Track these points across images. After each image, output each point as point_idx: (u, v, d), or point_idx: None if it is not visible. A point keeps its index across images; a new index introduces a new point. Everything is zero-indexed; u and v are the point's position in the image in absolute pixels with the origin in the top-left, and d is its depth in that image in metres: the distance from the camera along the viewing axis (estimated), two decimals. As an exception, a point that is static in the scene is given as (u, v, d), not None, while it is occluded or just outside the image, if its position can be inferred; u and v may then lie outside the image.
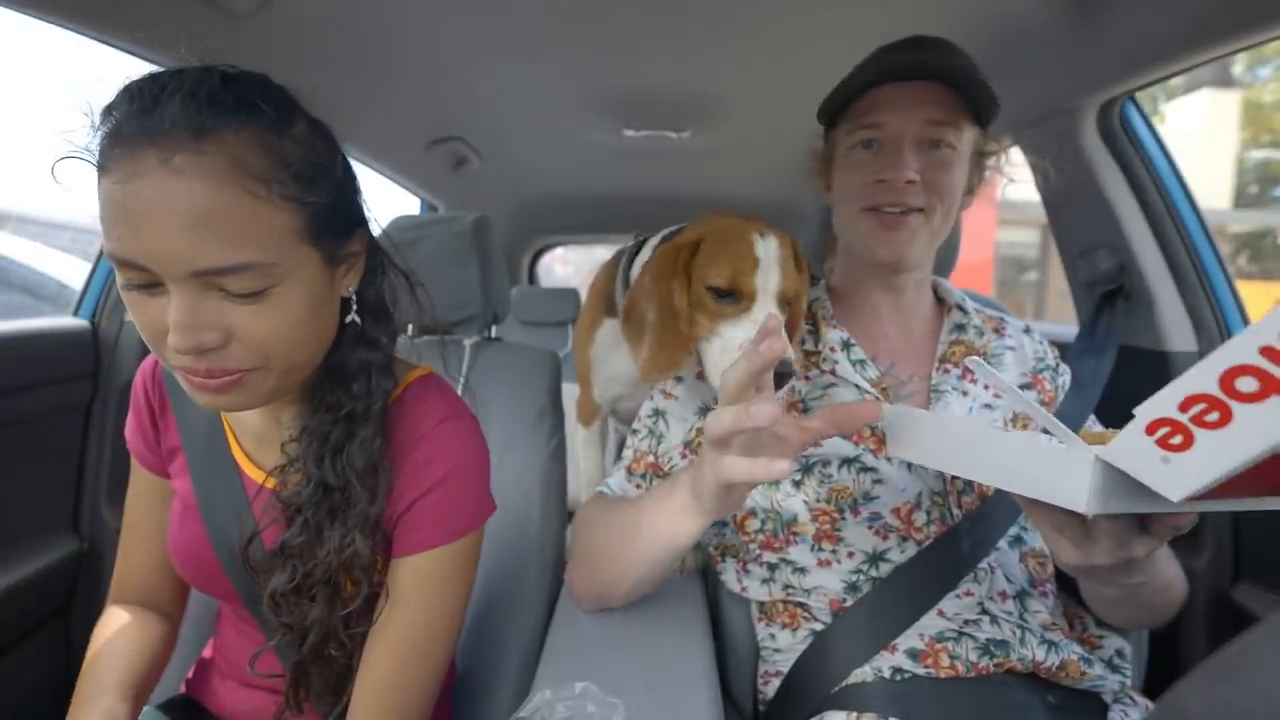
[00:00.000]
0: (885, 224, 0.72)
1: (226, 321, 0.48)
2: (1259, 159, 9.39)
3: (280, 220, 0.48)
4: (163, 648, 0.69)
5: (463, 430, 0.63)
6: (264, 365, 0.51)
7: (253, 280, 0.48)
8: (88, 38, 0.82)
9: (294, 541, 0.57)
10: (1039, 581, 0.72)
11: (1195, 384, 0.34)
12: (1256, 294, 7.37)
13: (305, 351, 0.54)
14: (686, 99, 1.45)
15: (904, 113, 0.70)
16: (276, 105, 0.49)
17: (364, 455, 0.57)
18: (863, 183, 0.72)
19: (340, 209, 0.54)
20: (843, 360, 0.75)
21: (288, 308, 0.50)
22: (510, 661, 0.84)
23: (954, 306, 0.82)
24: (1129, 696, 0.68)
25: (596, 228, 2.85)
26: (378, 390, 0.59)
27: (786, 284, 0.72)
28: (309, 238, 0.51)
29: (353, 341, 0.59)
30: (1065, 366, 0.84)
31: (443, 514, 0.60)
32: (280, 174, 0.48)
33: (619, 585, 0.70)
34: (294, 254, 0.50)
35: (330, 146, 0.54)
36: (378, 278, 0.62)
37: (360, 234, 0.58)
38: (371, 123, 1.47)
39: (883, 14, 1.00)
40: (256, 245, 0.47)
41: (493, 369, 1.05)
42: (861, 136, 0.72)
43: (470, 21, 1.08)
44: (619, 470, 0.81)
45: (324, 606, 0.57)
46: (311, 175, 0.50)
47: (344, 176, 0.55)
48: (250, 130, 0.47)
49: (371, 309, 0.61)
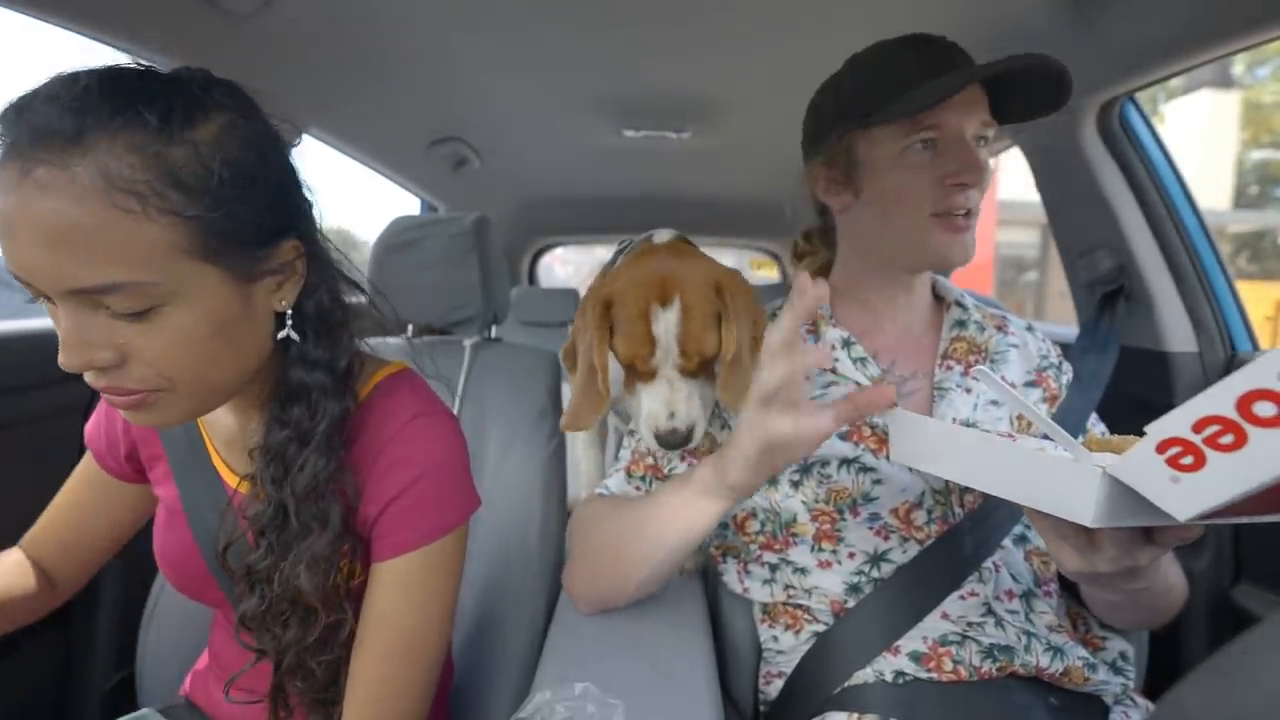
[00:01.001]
0: (954, 227, 0.70)
1: (119, 340, 0.46)
2: (1259, 159, 9.39)
3: (160, 237, 0.44)
4: (23, 599, 0.67)
5: (436, 427, 0.61)
6: (168, 387, 0.48)
7: (133, 300, 0.44)
8: (87, 38, 0.82)
9: (259, 565, 0.55)
10: (1044, 580, 0.72)
11: (1211, 405, 0.34)
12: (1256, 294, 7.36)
13: (218, 372, 0.51)
14: (686, 99, 1.45)
15: (965, 113, 0.68)
16: (168, 108, 0.44)
17: (307, 481, 0.54)
18: (929, 184, 0.69)
19: (253, 219, 0.49)
20: (843, 358, 0.75)
21: (181, 328, 0.47)
22: (509, 662, 0.84)
23: (953, 303, 0.81)
24: (1130, 698, 0.68)
25: (596, 228, 2.85)
26: (322, 414, 0.55)
27: (686, 361, 0.69)
28: (202, 254, 0.46)
29: (294, 360, 0.55)
30: (1068, 364, 0.83)
31: (419, 516, 0.58)
32: (160, 187, 0.43)
33: (626, 584, 0.69)
34: (181, 272, 0.45)
35: (251, 151, 0.48)
36: (321, 290, 0.56)
37: (292, 244, 0.53)
38: (372, 123, 1.47)
39: (883, 14, 1.00)
40: (128, 264, 0.43)
41: (493, 369, 1.05)
42: (922, 137, 0.68)
43: (470, 22, 1.08)
44: (618, 471, 0.80)
45: (297, 629, 0.55)
46: (206, 187, 0.45)
47: (271, 183, 0.50)
48: (126, 139, 0.43)
49: (313, 324, 0.56)
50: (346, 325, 0.59)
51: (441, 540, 0.59)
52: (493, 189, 2.20)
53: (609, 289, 0.71)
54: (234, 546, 0.57)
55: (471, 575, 0.90)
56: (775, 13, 1.03)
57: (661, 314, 0.68)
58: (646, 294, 0.69)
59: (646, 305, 0.69)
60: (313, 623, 0.55)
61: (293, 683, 0.58)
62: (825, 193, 0.78)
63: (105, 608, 0.99)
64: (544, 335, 2.54)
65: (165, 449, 0.64)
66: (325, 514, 0.55)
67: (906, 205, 0.71)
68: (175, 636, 0.86)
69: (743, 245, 3.32)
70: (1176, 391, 1.09)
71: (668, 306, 0.68)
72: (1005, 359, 0.78)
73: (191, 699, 0.75)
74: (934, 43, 0.71)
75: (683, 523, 0.63)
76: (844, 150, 0.74)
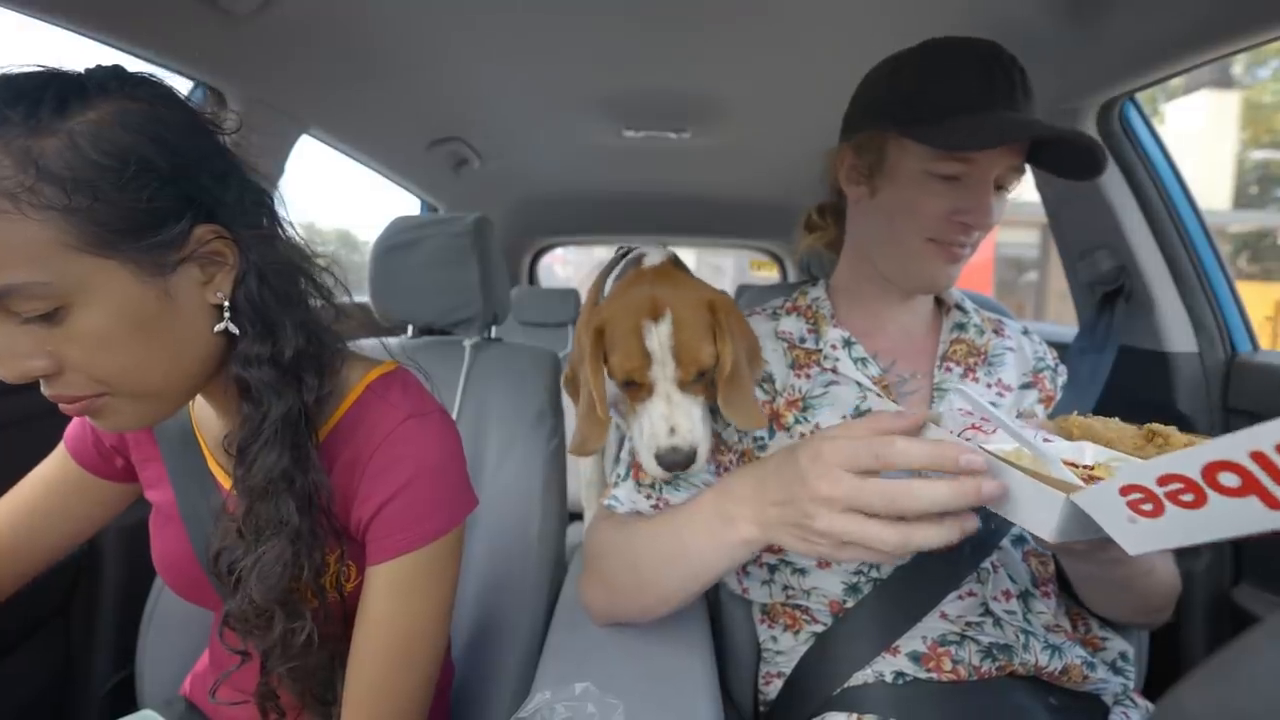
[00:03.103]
0: (947, 256, 0.71)
1: (46, 347, 0.45)
2: (1259, 159, 9.39)
3: (41, 234, 0.42)
4: None
5: (429, 427, 0.59)
6: (108, 391, 0.48)
7: (32, 303, 0.43)
8: (88, 38, 0.82)
9: (239, 565, 0.54)
10: (1042, 581, 0.72)
11: (1179, 466, 0.35)
12: (1256, 294, 7.37)
13: (154, 372, 0.49)
14: (686, 99, 1.45)
15: (997, 157, 0.67)
16: (36, 101, 0.43)
17: (260, 478, 0.52)
18: (937, 214, 0.69)
19: (145, 206, 0.46)
20: (844, 358, 0.75)
21: (95, 329, 0.45)
22: (510, 662, 0.84)
23: (953, 306, 0.82)
24: (1130, 698, 0.68)
25: (596, 228, 2.85)
26: (267, 409, 0.53)
27: (682, 373, 0.68)
28: (94, 248, 0.44)
29: (235, 356, 0.53)
30: (1064, 367, 0.84)
31: (413, 519, 0.57)
32: (31, 182, 0.42)
33: (652, 612, 0.68)
34: (75, 269, 0.44)
35: (143, 136, 0.46)
36: (250, 279, 0.53)
37: (206, 230, 0.50)
38: (372, 123, 1.47)
39: (883, 14, 1.00)
40: (13, 266, 0.42)
41: (493, 369, 1.05)
42: (947, 170, 0.67)
43: (470, 22, 1.08)
44: (626, 481, 0.77)
45: (282, 629, 0.54)
46: (83, 177, 0.43)
47: (170, 167, 0.47)
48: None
49: (247, 316, 0.53)
50: (291, 315, 0.55)
51: (437, 542, 0.58)
52: (493, 189, 2.19)
53: (600, 316, 0.71)
54: (226, 550, 0.56)
55: (471, 575, 0.90)
56: (775, 13, 1.03)
57: (654, 328, 0.67)
58: (637, 312, 0.68)
59: (637, 321, 0.67)
60: (283, 626, 0.54)
61: (281, 684, 0.57)
62: (846, 179, 0.77)
63: (105, 608, 0.99)
64: (544, 335, 2.54)
65: (161, 452, 0.63)
66: (280, 514, 0.53)
67: (909, 224, 0.71)
68: (175, 636, 0.86)
69: (743, 245, 3.32)
70: (1176, 391, 1.09)
71: (660, 320, 0.67)
72: (1001, 362, 0.78)
73: (191, 699, 0.75)
74: (1001, 63, 0.68)
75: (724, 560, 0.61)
76: (877, 145, 0.72)
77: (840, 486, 0.48)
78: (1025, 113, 0.67)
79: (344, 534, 0.59)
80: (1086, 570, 0.66)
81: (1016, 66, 0.68)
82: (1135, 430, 0.53)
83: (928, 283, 0.74)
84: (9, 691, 0.88)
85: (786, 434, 0.74)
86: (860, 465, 0.49)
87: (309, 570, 0.54)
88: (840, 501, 0.48)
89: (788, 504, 0.52)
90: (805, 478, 0.50)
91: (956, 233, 0.69)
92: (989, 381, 0.77)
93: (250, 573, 0.53)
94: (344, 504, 0.58)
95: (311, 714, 0.60)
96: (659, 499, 0.74)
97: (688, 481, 0.73)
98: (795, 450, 0.53)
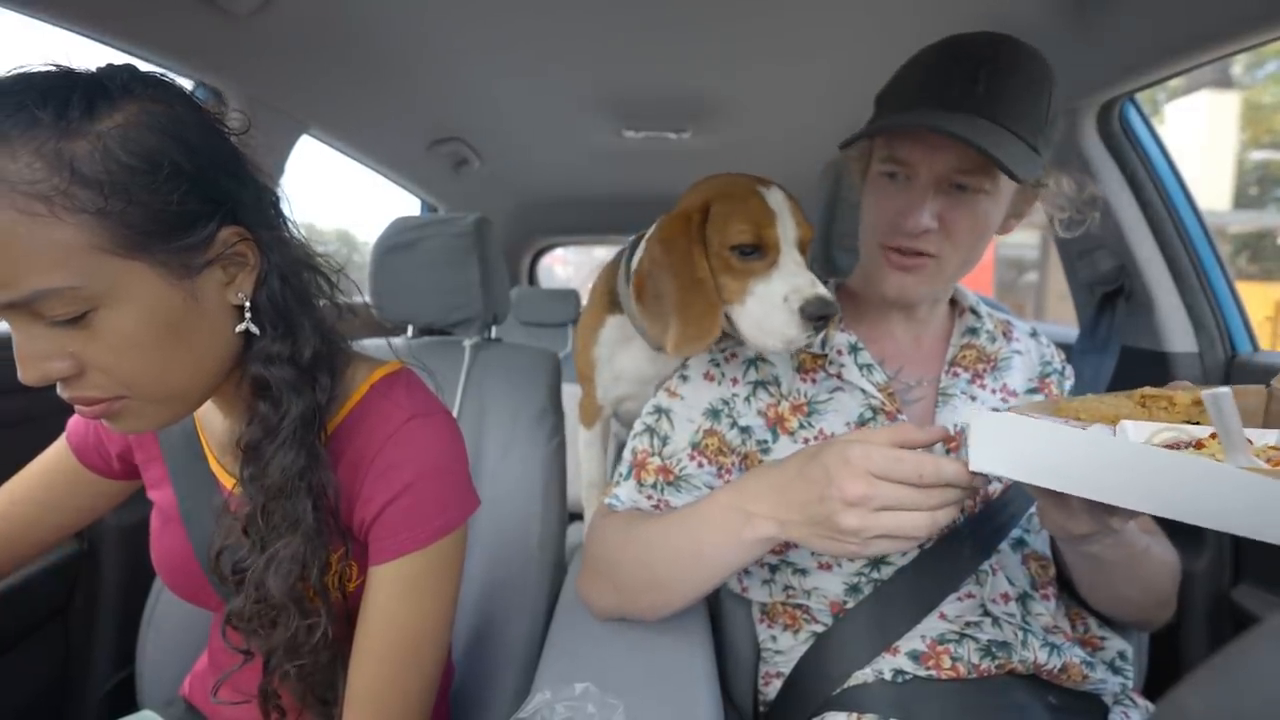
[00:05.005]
0: (895, 264, 0.69)
1: (70, 349, 0.45)
2: (1259, 160, 9.39)
3: (74, 237, 0.42)
4: None
5: (432, 428, 0.59)
6: (129, 394, 0.48)
7: (63, 306, 0.43)
8: (87, 38, 0.82)
9: (244, 565, 0.54)
10: (1041, 584, 0.72)
11: None
12: (1256, 294, 7.36)
13: (177, 374, 0.49)
14: (686, 99, 1.45)
15: (933, 154, 0.64)
16: (64, 102, 0.43)
17: (276, 477, 0.52)
18: (883, 215, 0.69)
19: (175, 209, 0.46)
20: (849, 364, 0.74)
21: (123, 331, 0.45)
22: (510, 662, 0.84)
23: (967, 309, 0.81)
24: (1130, 698, 0.68)
25: (596, 228, 2.85)
26: (286, 408, 0.53)
27: (802, 231, 0.69)
28: (125, 250, 0.44)
29: (254, 355, 0.54)
30: (1071, 369, 0.83)
31: (416, 519, 0.57)
32: (65, 185, 0.41)
33: (663, 609, 0.69)
34: (106, 272, 0.44)
35: (168, 138, 0.46)
36: (273, 280, 0.54)
37: (231, 231, 0.50)
38: (372, 123, 1.47)
39: (883, 15, 1.00)
40: (47, 270, 0.42)
41: (493, 369, 1.05)
42: (888, 168, 0.68)
43: (470, 22, 1.08)
44: (627, 481, 0.76)
45: (285, 630, 0.54)
46: (115, 180, 0.43)
47: (196, 169, 0.47)
48: (25, 142, 0.41)
49: (269, 316, 0.54)
50: (309, 315, 0.56)
51: (440, 542, 0.58)
52: (493, 189, 2.20)
53: (698, 199, 0.71)
54: (228, 550, 0.57)
55: (471, 575, 0.90)
56: (775, 14, 1.03)
57: (769, 193, 0.69)
58: (747, 183, 0.70)
59: (752, 186, 0.69)
60: (297, 623, 0.55)
61: (284, 684, 0.57)
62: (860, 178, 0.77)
63: (105, 608, 0.99)
64: (544, 335, 2.54)
65: (163, 453, 0.63)
66: (296, 512, 0.53)
67: (868, 228, 0.72)
68: (175, 637, 0.86)
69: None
70: None
71: (771, 188, 0.69)
72: (1009, 365, 0.78)
73: (191, 700, 0.74)
74: (962, 54, 0.65)
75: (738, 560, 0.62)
76: (869, 146, 0.73)
77: (875, 488, 0.51)
78: (988, 113, 0.62)
79: (347, 533, 0.59)
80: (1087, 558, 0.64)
81: (1001, 68, 0.64)
82: (1126, 397, 0.54)
83: (879, 287, 0.72)
84: (9, 691, 0.88)
85: (790, 438, 0.74)
86: (894, 477, 0.51)
87: (315, 569, 0.55)
88: (874, 500, 0.51)
89: (813, 504, 0.54)
90: (834, 479, 0.52)
91: (897, 235, 0.68)
92: (994, 388, 0.76)
93: (264, 571, 0.53)
94: (347, 503, 0.58)
95: (312, 714, 0.60)
96: (659, 499, 0.74)
97: (689, 483, 0.73)
98: (819, 454, 0.55)
